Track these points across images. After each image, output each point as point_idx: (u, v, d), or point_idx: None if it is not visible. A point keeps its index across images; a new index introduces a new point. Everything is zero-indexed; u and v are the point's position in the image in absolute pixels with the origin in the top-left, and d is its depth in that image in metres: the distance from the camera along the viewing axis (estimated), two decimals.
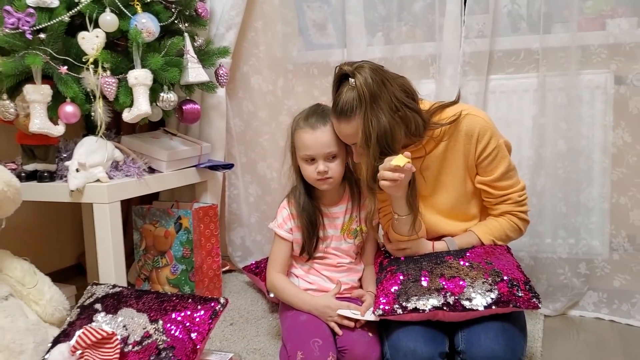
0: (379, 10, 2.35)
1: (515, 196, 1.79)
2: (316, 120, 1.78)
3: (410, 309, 1.56)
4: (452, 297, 1.55)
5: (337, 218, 1.89)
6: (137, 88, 1.92)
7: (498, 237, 1.80)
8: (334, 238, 1.89)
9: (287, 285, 1.87)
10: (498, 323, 1.56)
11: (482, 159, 1.75)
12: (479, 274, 1.59)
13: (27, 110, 1.92)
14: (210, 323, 1.62)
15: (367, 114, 1.62)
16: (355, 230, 1.90)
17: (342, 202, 1.90)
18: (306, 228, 1.86)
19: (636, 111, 2.03)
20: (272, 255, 1.93)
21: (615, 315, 2.06)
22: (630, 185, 2.06)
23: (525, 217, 1.83)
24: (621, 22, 2.01)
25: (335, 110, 1.70)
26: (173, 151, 2.24)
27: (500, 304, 1.53)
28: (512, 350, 1.52)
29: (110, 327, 1.62)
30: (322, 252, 1.90)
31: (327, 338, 1.67)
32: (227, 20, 2.47)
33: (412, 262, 1.69)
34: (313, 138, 1.77)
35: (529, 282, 1.59)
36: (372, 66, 1.67)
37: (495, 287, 1.55)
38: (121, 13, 1.92)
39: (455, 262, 1.64)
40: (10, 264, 1.82)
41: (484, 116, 1.78)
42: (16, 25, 1.80)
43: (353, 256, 1.92)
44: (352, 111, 1.65)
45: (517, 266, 1.66)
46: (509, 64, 2.19)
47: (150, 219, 2.35)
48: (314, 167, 1.78)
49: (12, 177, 1.76)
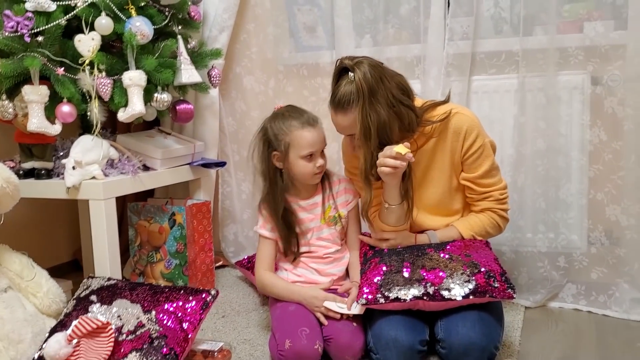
0: (366, 14, 2.43)
1: (496, 194, 1.87)
2: (310, 119, 1.89)
3: (392, 298, 1.64)
4: (432, 287, 1.62)
5: (315, 208, 1.97)
6: (131, 89, 1.98)
7: (478, 233, 1.87)
8: (316, 229, 1.97)
9: (276, 281, 1.95)
10: (475, 312, 1.63)
11: (468, 156, 1.84)
12: (458, 265, 1.66)
13: (25, 110, 1.96)
14: (202, 313, 1.69)
15: (365, 108, 1.71)
16: (334, 217, 1.98)
17: (317, 192, 1.98)
18: (282, 229, 1.94)
19: (611, 111, 2.10)
20: (259, 255, 2.01)
21: (592, 307, 2.13)
22: (606, 181, 2.14)
23: (505, 215, 1.91)
24: (597, 25, 2.09)
25: (333, 102, 1.79)
26: (167, 149, 2.30)
27: (477, 294, 1.61)
28: (488, 338, 1.60)
29: (105, 317, 1.69)
30: (307, 246, 1.97)
31: (314, 327, 1.75)
32: (219, 22, 2.54)
33: (395, 254, 1.76)
34: (315, 136, 1.86)
35: (504, 273, 1.67)
36: (371, 62, 1.75)
37: (473, 278, 1.63)
38: (116, 16, 1.98)
39: (436, 255, 1.72)
40: (9, 258, 1.88)
41: (472, 115, 1.86)
42: (15, 29, 1.85)
43: (338, 243, 1.99)
44: (349, 104, 1.74)
45: (495, 259, 1.73)
46: (491, 65, 2.26)
47: (145, 216, 2.42)
48: (313, 164, 1.87)
49: (11, 174, 1.81)
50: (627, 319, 2.04)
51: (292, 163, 1.89)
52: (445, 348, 1.63)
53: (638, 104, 2.02)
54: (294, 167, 1.89)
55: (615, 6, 2.08)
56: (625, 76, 2.05)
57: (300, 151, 1.86)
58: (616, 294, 2.10)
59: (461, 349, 1.59)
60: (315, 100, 2.58)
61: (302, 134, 1.86)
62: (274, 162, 1.91)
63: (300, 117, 1.88)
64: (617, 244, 2.13)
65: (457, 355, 1.60)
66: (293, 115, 1.90)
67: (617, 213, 2.11)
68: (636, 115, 2.02)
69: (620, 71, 2.07)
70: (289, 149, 1.87)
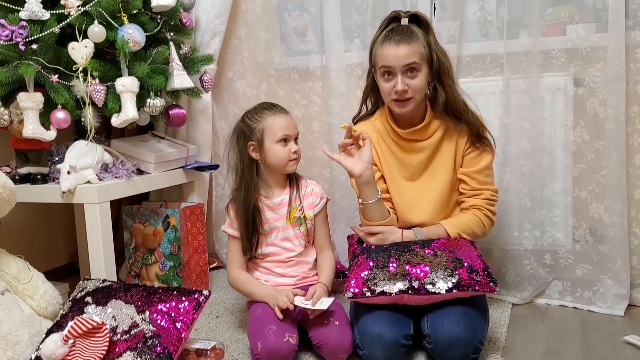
0: (354, 19, 2.48)
1: (488, 193, 1.96)
2: (281, 109, 2.00)
3: (378, 292, 1.69)
4: (417, 281, 1.67)
5: (281, 208, 2.02)
6: (124, 95, 2.01)
7: (463, 231, 1.93)
8: (281, 228, 2.02)
9: (245, 278, 2.02)
10: (460, 308, 1.68)
11: (471, 150, 1.93)
12: (442, 260, 1.71)
13: (20, 116, 2.00)
14: (194, 313, 1.71)
15: (434, 39, 1.90)
16: (299, 218, 2.03)
17: (285, 192, 2.04)
18: (246, 227, 1.99)
19: (593, 111, 2.15)
20: (229, 255, 2.07)
21: (578, 303, 2.18)
22: (589, 180, 2.19)
23: (492, 216, 1.98)
24: (579, 28, 2.14)
25: (393, 35, 1.87)
26: (160, 153, 2.34)
27: (460, 287, 1.66)
28: (473, 332, 1.65)
29: (100, 318, 1.72)
30: (269, 246, 2.03)
31: (282, 323, 1.79)
32: (211, 28, 2.59)
33: (382, 251, 1.81)
34: (289, 121, 1.98)
35: (487, 268, 1.72)
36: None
37: (456, 273, 1.68)
38: (108, 24, 2.01)
39: (421, 251, 1.77)
40: (6, 261, 1.92)
41: (477, 113, 1.96)
42: (10, 37, 1.88)
43: (302, 244, 2.04)
44: (415, 34, 1.86)
45: (478, 255, 1.78)
46: (477, 68, 2.31)
47: (139, 218, 2.46)
48: (289, 148, 1.96)
49: (7, 179, 1.86)
50: (611, 314, 2.09)
51: (267, 150, 1.96)
52: (431, 343, 1.68)
53: (618, 104, 2.07)
54: (270, 155, 1.96)
55: (596, 9, 2.13)
56: (606, 77, 2.10)
57: (275, 135, 1.94)
58: (600, 289, 2.15)
59: (446, 343, 1.64)
60: (306, 104, 2.63)
61: (274, 119, 1.95)
62: (250, 153, 1.99)
63: (271, 107, 1.99)
64: (600, 241, 2.18)
65: (443, 350, 1.65)
66: (264, 106, 2.01)
67: (600, 211, 2.17)
68: (617, 116, 2.07)
69: (601, 73, 2.13)
70: (263, 135, 1.96)
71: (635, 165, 2.14)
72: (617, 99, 2.07)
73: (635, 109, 2.11)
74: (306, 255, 2.06)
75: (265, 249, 2.03)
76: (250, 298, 2.00)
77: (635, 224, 2.15)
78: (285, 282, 2.01)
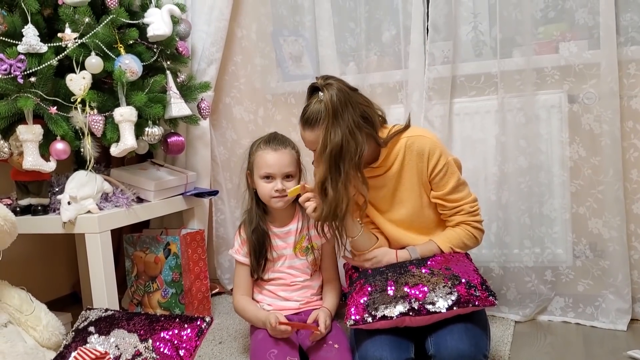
0: (349, 42, 2.51)
1: (467, 207, 1.93)
2: (277, 144, 1.99)
3: (379, 317, 1.69)
4: (417, 302, 1.68)
5: (289, 237, 2.04)
6: (122, 124, 2.03)
7: (456, 245, 1.93)
8: (288, 257, 2.04)
9: (247, 306, 2.02)
10: (461, 324, 1.69)
11: (434, 175, 1.91)
12: (439, 279, 1.72)
13: (20, 148, 2.01)
14: (197, 340, 1.72)
15: (328, 128, 1.79)
16: (307, 247, 2.05)
17: (293, 221, 2.05)
18: (254, 250, 2.01)
19: (588, 127, 2.17)
20: (235, 280, 2.09)
21: (580, 319, 2.18)
22: (587, 196, 2.20)
23: (479, 226, 1.97)
24: (571, 46, 2.16)
25: (302, 118, 1.88)
26: (160, 181, 2.36)
27: (460, 304, 1.67)
28: (476, 347, 1.66)
29: (103, 347, 1.73)
30: (276, 272, 2.04)
31: (283, 347, 1.81)
32: (208, 56, 2.62)
33: (379, 274, 1.82)
34: (275, 158, 1.96)
35: (485, 282, 1.73)
36: (340, 86, 1.82)
37: (455, 290, 1.68)
38: (106, 55, 2.04)
39: (417, 271, 1.77)
40: (8, 293, 1.92)
41: (432, 137, 1.95)
42: (8, 71, 1.90)
43: (308, 273, 2.05)
44: (316, 122, 1.82)
45: (474, 270, 1.79)
46: (471, 88, 2.33)
47: (140, 246, 2.47)
48: (271, 185, 1.95)
49: (8, 212, 1.86)
50: (614, 329, 2.09)
51: (256, 183, 2.00)
52: None
53: (613, 120, 2.08)
54: (257, 188, 2.00)
55: (588, 27, 2.15)
56: (600, 93, 2.12)
57: (259, 170, 1.97)
58: (602, 305, 2.15)
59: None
60: None
61: (262, 154, 1.97)
62: (248, 180, 2.03)
63: (269, 141, 2.00)
64: (601, 256, 2.18)
65: None
66: (265, 138, 2.02)
67: (600, 226, 2.17)
68: (612, 131, 2.09)
69: (595, 89, 2.15)
70: (252, 167, 2.00)
71: (632, 180, 2.15)
72: (611, 115, 2.09)
73: (630, 123, 2.13)
74: (312, 280, 2.07)
75: (271, 274, 2.04)
76: (251, 323, 2.00)
77: (635, 238, 2.16)
78: (289, 306, 2.01)
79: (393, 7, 2.39)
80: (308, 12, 2.56)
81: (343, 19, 2.50)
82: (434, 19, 2.29)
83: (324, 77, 1.86)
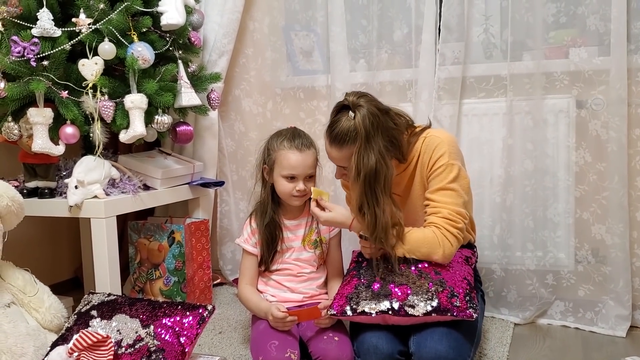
0: (360, 39, 2.52)
1: (446, 212, 1.79)
2: (302, 144, 1.96)
3: (359, 311, 1.71)
4: (397, 302, 1.69)
5: (298, 229, 2.05)
6: (133, 111, 2.04)
7: (409, 251, 1.80)
8: (296, 249, 2.04)
9: (251, 296, 2.03)
10: (444, 328, 1.69)
11: (432, 171, 1.84)
12: (425, 283, 1.72)
13: (30, 131, 2.03)
14: (198, 328, 1.73)
15: (361, 151, 1.75)
16: (315, 241, 2.05)
17: (304, 215, 2.06)
18: (266, 242, 2.01)
19: (595, 133, 2.17)
20: (241, 269, 2.09)
21: (580, 323, 2.19)
22: (591, 201, 2.21)
23: (451, 238, 1.77)
24: (581, 52, 2.17)
25: (330, 134, 1.82)
26: (167, 169, 2.37)
27: (439, 311, 1.66)
28: (456, 351, 1.66)
29: (105, 331, 1.74)
30: (283, 264, 2.04)
31: (284, 338, 1.82)
32: (219, 47, 2.63)
33: (370, 269, 1.82)
34: (300, 160, 1.94)
35: (470, 293, 1.70)
36: (371, 109, 1.76)
37: (436, 296, 1.68)
38: (119, 42, 2.05)
39: (407, 270, 1.77)
40: (12, 274, 1.93)
41: (445, 136, 1.88)
42: (22, 54, 1.92)
43: (314, 265, 2.06)
44: (345, 141, 1.77)
45: (464, 278, 1.75)
46: (480, 89, 2.34)
47: (145, 234, 2.48)
48: (293, 185, 1.95)
49: (17, 193, 1.87)
50: (613, 335, 2.10)
51: (275, 180, 1.98)
52: None
53: (620, 127, 2.09)
54: (276, 184, 1.98)
55: (599, 33, 2.15)
56: (608, 100, 2.13)
57: (282, 170, 1.95)
58: (602, 310, 2.16)
59: None
60: (311, 122, 2.66)
61: (286, 154, 1.94)
62: (264, 174, 2.01)
63: (293, 139, 1.96)
64: (603, 262, 2.19)
65: None
66: (288, 136, 1.98)
67: (603, 232, 2.18)
68: (618, 138, 2.09)
69: (603, 95, 2.15)
70: (274, 165, 1.97)
71: (637, 187, 2.15)
72: (619, 122, 2.09)
73: (637, 131, 2.14)
74: (317, 273, 2.08)
75: (279, 265, 2.05)
76: (253, 313, 2.02)
77: (637, 245, 2.16)
78: (293, 298, 2.02)
79: (406, 6, 2.40)
80: (321, 8, 2.58)
81: (355, 15, 2.51)
82: (446, 19, 2.30)
83: (355, 94, 1.80)
